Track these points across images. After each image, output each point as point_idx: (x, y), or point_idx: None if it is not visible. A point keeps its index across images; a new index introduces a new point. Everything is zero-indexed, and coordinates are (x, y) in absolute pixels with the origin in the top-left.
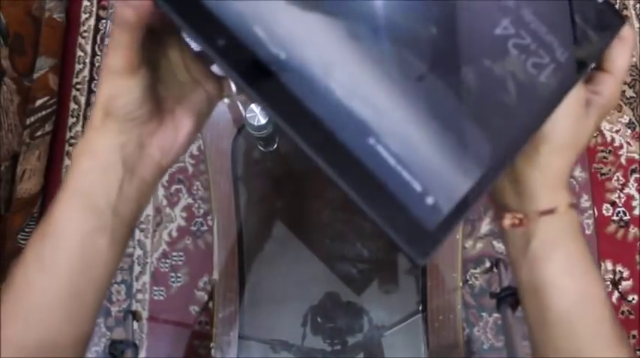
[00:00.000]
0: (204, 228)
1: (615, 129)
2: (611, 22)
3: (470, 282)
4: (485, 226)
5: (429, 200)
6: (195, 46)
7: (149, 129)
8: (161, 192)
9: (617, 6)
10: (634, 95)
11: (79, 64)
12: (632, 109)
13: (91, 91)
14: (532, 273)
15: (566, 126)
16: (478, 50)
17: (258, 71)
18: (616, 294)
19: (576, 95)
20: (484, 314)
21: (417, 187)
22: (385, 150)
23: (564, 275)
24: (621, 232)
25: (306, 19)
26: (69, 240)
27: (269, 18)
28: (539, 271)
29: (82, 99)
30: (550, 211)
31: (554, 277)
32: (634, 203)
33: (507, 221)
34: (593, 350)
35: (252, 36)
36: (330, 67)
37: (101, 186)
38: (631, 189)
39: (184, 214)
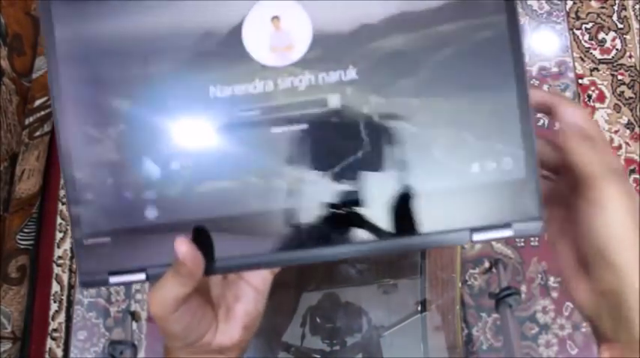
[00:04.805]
0: None
1: (614, 129)
2: None
3: (469, 283)
4: None
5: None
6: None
7: (208, 338)
8: None
9: (616, 7)
10: (633, 96)
11: None
12: (631, 110)
13: None
14: None
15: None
16: None
17: None
18: None
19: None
20: (483, 315)
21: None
22: None
23: None
24: None
25: None
26: None
27: None
28: None
29: None
30: None
31: None
32: None
33: (605, 355)
34: None
35: None
36: None
37: None
38: None
39: None
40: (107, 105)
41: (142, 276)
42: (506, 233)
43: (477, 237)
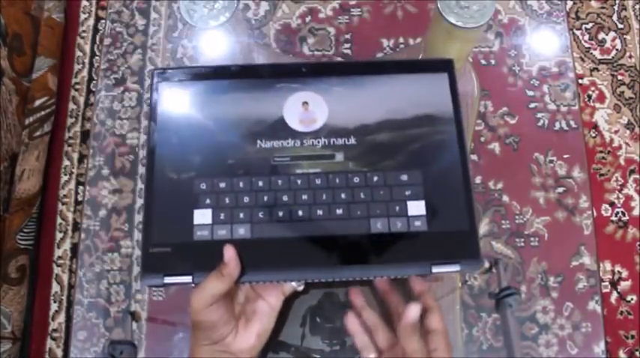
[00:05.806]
0: None
1: (614, 129)
2: None
3: (469, 283)
4: (483, 227)
5: None
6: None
7: (229, 340)
8: None
9: (616, 7)
10: (633, 96)
11: (78, 64)
12: (631, 110)
13: (89, 91)
14: None
15: None
16: None
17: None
18: (615, 295)
19: None
20: (483, 315)
21: None
22: None
23: None
24: (620, 233)
25: None
26: None
27: None
28: None
29: (81, 100)
30: None
31: None
32: (633, 203)
33: None
34: None
35: None
36: None
37: None
38: (630, 190)
39: None
40: (184, 158)
41: (188, 279)
42: (455, 268)
43: (435, 269)
